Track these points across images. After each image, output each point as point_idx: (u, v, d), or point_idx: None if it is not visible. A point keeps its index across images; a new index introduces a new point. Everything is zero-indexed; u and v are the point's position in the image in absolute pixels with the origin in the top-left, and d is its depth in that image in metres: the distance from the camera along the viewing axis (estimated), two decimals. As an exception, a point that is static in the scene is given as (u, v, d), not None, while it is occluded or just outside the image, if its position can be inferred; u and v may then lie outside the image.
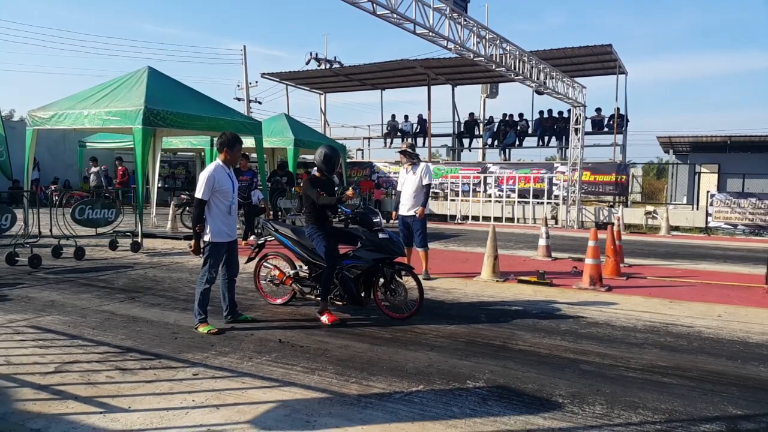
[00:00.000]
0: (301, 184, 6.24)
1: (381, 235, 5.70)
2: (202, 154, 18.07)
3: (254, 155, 14.82)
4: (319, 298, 5.72)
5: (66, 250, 9.10)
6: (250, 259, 6.28)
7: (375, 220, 5.79)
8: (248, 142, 13.17)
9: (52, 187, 19.62)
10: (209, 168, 5.28)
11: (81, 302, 6.21)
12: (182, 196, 14.26)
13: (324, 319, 5.55)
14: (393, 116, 25.62)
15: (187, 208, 13.54)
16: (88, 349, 4.64)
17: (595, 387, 4.05)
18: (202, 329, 5.15)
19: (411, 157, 8.03)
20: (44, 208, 9.88)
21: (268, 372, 4.19)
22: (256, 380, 4.03)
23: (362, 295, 5.82)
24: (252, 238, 10.36)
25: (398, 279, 5.83)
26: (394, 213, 8.32)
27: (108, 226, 9.91)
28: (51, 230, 9.05)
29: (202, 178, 5.20)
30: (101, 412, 3.44)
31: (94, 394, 3.71)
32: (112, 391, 3.76)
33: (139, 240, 10.10)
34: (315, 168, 6.04)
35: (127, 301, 6.35)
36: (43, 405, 3.52)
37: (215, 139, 15.03)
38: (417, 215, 7.81)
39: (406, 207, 7.91)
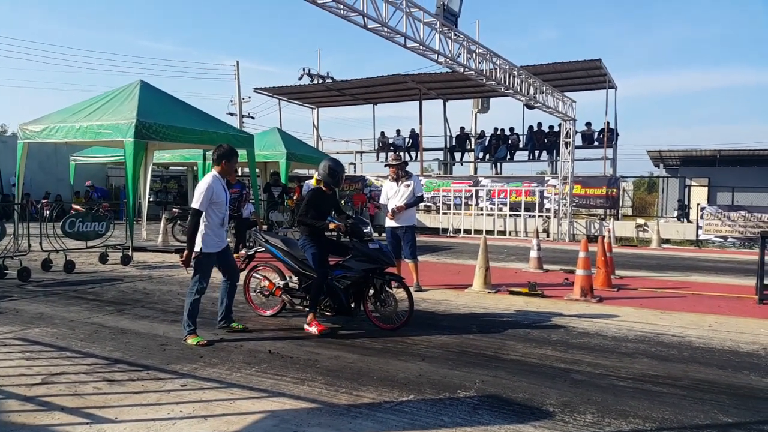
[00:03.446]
0: (305, 194, 6.24)
1: (371, 246, 5.70)
2: (195, 168, 18.07)
3: (246, 169, 14.82)
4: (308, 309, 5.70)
5: (56, 263, 9.03)
6: (239, 270, 6.25)
7: (365, 231, 5.79)
8: (240, 155, 13.24)
9: (44, 201, 19.55)
10: (207, 179, 5.26)
11: (69, 314, 6.16)
12: (173, 209, 14.23)
13: (312, 329, 5.52)
14: (382, 133, 25.73)
15: (179, 221, 13.51)
16: (75, 360, 4.59)
17: (586, 396, 4.04)
18: (191, 341, 5.10)
19: (405, 171, 8.10)
20: (35, 222, 9.82)
21: (257, 383, 4.16)
22: (244, 391, 3.99)
23: (352, 305, 5.80)
24: (243, 251, 10.32)
25: (388, 289, 5.82)
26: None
27: (98, 240, 9.85)
28: (41, 244, 8.99)
29: (201, 188, 5.18)
30: (87, 423, 3.40)
31: (80, 405, 3.67)
32: (99, 402, 3.72)
33: (129, 253, 10.05)
34: (314, 179, 6.06)
35: (116, 313, 6.29)
36: (28, 416, 3.47)
37: (209, 153, 15.09)
38: (397, 209, 7.76)
39: (397, 219, 7.90)
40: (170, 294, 7.47)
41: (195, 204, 5.15)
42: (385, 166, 8.65)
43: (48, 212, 10.37)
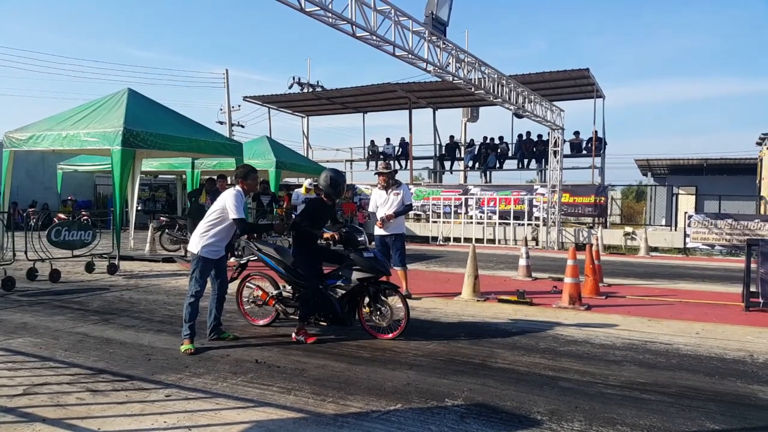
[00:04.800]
0: (294, 203, 6.26)
1: (366, 254, 5.67)
2: (183, 176, 17.95)
3: (235, 177, 14.73)
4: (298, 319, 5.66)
5: (41, 273, 8.92)
6: (232, 280, 6.19)
7: (359, 239, 5.76)
8: (229, 163, 13.20)
9: (30, 209, 19.33)
10: (233, 190, 5.32)
11: (54, 324, 6.07)
12: (161, 218, 14.12)
13: (301, 339, 5.49)
14: (372, 142, 25.75)
15: (167, 230, 13.40)
16: (58, 371, 4.52)
17: (574, 404, 4.03)
18: (182, 347, 5.11)
19: (395, 179, 8.12)
20: (20, 231, 9.69)
21: (243, 392, 4.11)
22: (230, 401, 3.95)
23: (347, 314, 5.76)
24: (232, 260, 10.25)
25: (383, 298, 5.78)
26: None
27: (85, 248, 9.75)
28: (26, 253, 8.87)
29: (231, 197, 5.23)
30: (69, 435, 3.34)
31: (62, 416, 3.61)
32: (82, 413, 3.66)
33: (116, 262, 9.95)
34: (303, 187, 6.06)
35: (101, 323, 6.22)
36: (8, 428, 3.41)
37: (198, 161, 14.99)
38: (386, 217, 7.77)
39: (386, 227, 7.90)
40: (156, 303, 7.39)
41: (233, 215, 5.18)
42: (375, 174, 8.65)
43: (34, 221, 10.23)
